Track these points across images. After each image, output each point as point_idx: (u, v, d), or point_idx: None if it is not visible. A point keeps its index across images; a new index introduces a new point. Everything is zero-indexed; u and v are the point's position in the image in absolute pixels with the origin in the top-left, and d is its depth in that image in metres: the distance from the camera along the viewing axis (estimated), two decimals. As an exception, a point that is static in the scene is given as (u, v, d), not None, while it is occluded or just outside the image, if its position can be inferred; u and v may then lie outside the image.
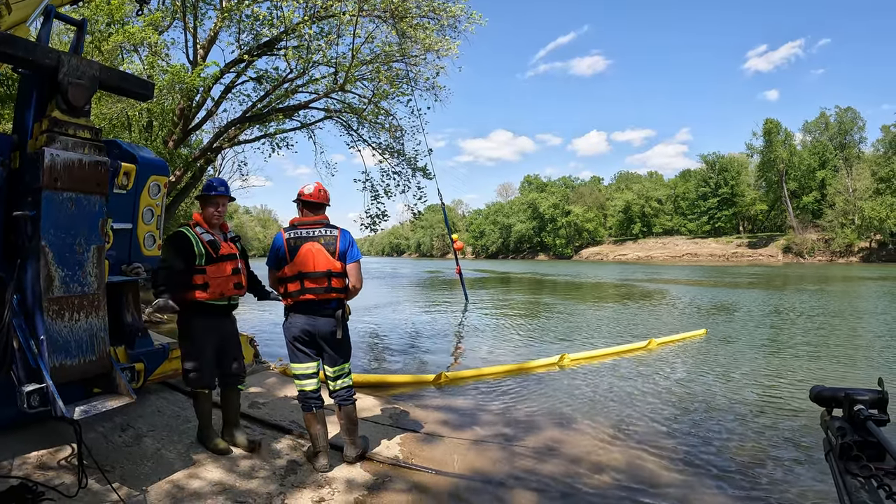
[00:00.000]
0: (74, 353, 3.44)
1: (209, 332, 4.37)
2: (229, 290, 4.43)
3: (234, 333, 4.64)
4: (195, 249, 4.28)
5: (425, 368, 8.88)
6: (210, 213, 4.50)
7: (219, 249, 4.38)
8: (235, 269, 4.48)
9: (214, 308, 4.42)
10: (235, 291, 4.50)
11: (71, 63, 3.52)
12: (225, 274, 4.38)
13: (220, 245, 4.43)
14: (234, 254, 4.53)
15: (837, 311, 17.48)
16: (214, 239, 4.42)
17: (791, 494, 4.47)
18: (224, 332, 4.51)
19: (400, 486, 4.24)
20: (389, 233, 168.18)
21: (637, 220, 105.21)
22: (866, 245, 73.37)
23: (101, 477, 3.53)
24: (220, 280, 4.35)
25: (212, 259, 4.33)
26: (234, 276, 4.47)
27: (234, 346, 4.60)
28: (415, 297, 24.29)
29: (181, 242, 4.30)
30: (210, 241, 4.37)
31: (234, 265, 4.47)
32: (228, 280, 4.42)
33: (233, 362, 4.57)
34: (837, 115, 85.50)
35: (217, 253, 4.36)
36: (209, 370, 4.40)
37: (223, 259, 4.39)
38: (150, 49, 11.79)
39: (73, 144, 3.57)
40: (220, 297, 4.38)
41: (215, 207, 4.51)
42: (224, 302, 4.47)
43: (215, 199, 4.51)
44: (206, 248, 4.31)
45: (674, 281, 34.58)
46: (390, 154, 17.56)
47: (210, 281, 4.31)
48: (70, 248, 3.52)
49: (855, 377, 8.46)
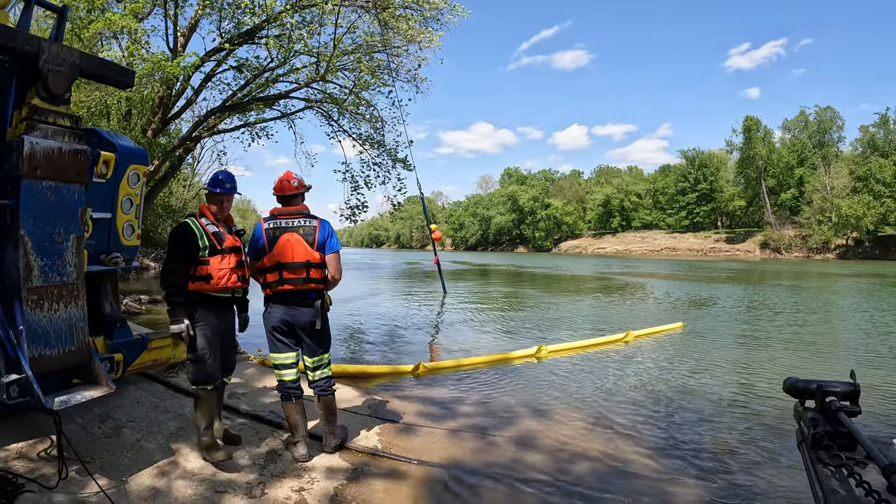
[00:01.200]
0: (54, 343, 3.42)
1: (218, 325, 4.31)
2: (233, 282, 4.33)
3: (234, 327, 4.58)
4: (199, 242, 4.20)
5: (403, 359, 8.89)
6: (214, 210, 4.41)
7: (223, 241, 4.30)
8: (240, 262, 4.38)
9: (219, 301, 4.33)
10: (239, 284, 4.39)
11: (52, 50, 3.48)
12: (229, 266, 4.28)
13: (225, 237, 4.34)
14: (239, 246, 4.43)
15: (813, 307, 17.77)
16: (219, 230, 4.33)
17: (764, 483, 4.55)
18: (227, 326, 4.45)
19: (379, 476, 4.28)
20: (369, 224, 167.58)
21: (616, 214, 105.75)
22: (843, 242, 74.53)
23: (80, 468, 3.52)
24: (223, 272, 4.25)
25: (216, 250, 4.24)
26: (239, 268, 4.37)
27: (232, 339, 4.58)
28: (393, 288, 24.27)
29: (185, 234, 4.21)
30: (215, 233, 4.29)
31: (238, 257, 4.38)
32: (232, 272, 4.31)
33: (230, 355, 4.53)
34: (817, 113, 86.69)
35: (221, 244, 4.27)
36: (216, 363, 4.30)
37: (227, 251, 4.30)
38: (131, 36, 11.62)
39: (53, 133, 3.54)
40: (222, 289, 4.29)
41: (220, 205, 4.41)
42: (228, 294, 4.37)
43: (220, 197, 4.41)
44: (210, 240, 4.23)
45: (651, 275, 34.88)
46: (371, 145, 17.52)
47: (213, 272, 4.21)
48: (49, 238, 3.50)
49: (827, 370, 8.62)
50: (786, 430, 5.74)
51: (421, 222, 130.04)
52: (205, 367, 4.21)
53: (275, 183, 4.66)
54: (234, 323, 4.56)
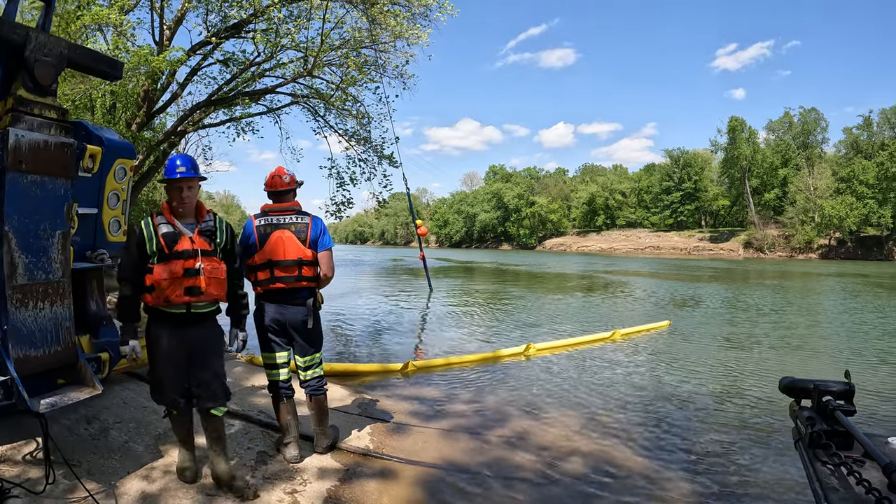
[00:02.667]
0: (39, 343, 3.33)
1: (171, 343, 3.62)
2: (177, 295, 3.55)
3: (208, 347, 3.77)
4: (147, 247, 3.56)
5: (391, 357, 8.85)
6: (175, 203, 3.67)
7: (175, 244, 3.58)
8: (189, 270, 3.56)
9: (172, 317, 3.63)
10: (187, 298, 3.58)
11: (39, 39, 3.37)
12: (172, 275, 3.52)
13: (181, 238, 3.60)
14: (196, 250, 3.61)
15: (797, 306, 17.95)
16: (174, 231, 3.61)
17: (759, 481, 4.56)
18: (193, 345, 3.68)
19: (372, 476, 4.24)
20: (353, 220, 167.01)
21: (601, 212, 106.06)
22: (825, 242, 75.25)
23: (68, 472, 3.43)
24: (165, 282, 3.51)
25: (164, 256, 3.55)
26: (188, 277, 3.56)
27: (205, 361, 3.75)
28: (379, 285, 24.19)
29: (132, 238, 3.61)
30: (166, 235, 3.58)
31: (188, 264, 3.56)
32: (175, 283, 3.53)
33: (204, 381, 3.74)
34: (801, 115, 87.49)
35: (171, 248, 3.56)
36: (170, 388, 3.66)
37: (174, 256, 3.55)
38: (116, 29, 11.46)
39: (39, 125, 3.43)
40: (165, 302, 3.55)
41: (179, 193, 3.63)
42: (180, 310, 3.62)
43: (178, 184, 3.63)
44: (160, 243, 3.56)
45: (636, 273, 35.06)
46: (357, 141, 17.40)
47: (156, 284, 3.52)
48: (34, 234, 3.39)
49: (814, 369, 8.67)
50: (777, 429, 5.78)
51: (405, 219, 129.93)
52: (161, 391, 3.70)
53: (266, 178, 4.58)
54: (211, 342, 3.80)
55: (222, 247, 3.79)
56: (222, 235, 3.80)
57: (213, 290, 3.65)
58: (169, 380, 3.65)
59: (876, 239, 71.56)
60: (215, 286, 3.67)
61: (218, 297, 3.74)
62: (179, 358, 3.64)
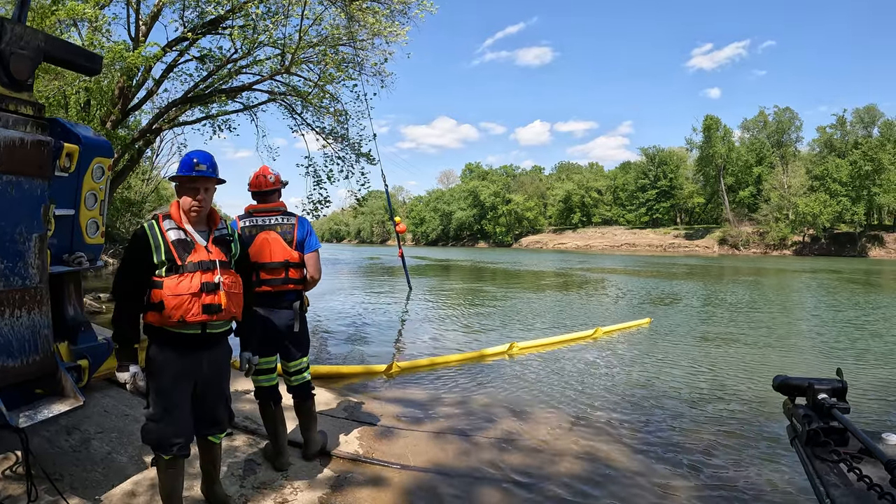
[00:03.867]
0: (17, 353, 3.15)
1: (181, 370, 3.18)
2: (194, 314, 3.09)
3: (220, 371, 3.39)
4: (154, 256, 3.10)
5: (373, 358, 8.78)
6: (188, 202, 3.22)
7: (189, 253, 3.15)
8: (209, 285, 3.14)
9: (182, 339, 3.16)
10: (205, 317, 3.13)
11: (15, 31, 3.19)
12: (188, 290, 3.08)
13: (195, 247, 3.19)
14: (214, 261, 3.20)
15: (775, 302, 18.23)
16: (187, 238, 3.19)
17: (748, 478, 4.56)
18: (204, 373, 3.26)
19: (363, 482, 4.17)
20: (329, 219, 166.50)
21: (577, 209, 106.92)
22: (799, 239, 76.75)
23: (50, 486, 3.27)
24: (180, 299, 3.06)
25: (175, 267, 3.11)
26: (207, 293, 3.13)
27: (217, 389, 3.37)
28: (357, 284, 24.05)
29: (137, 245, 3.13)
30: (178, 242, 3.15)
31: (206, 277, 3.14)
32: (194, 299, 3.09)
33: (214, 410, 3.37)
34: (776, 114, 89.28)
35: (184, 259, 3.13)
36: (177, 426, 3.18)
37: (191, 268, 3.12)
38: (91, 24, 11.23)
39: (14, 122, 3.26)
40: (178, 322, 3.08)
41: (194, 195, 3.21)
42: (194, 331, 3.17)
43: (196, 184, 3.22)
44: (170, 252, 3.12)
45: (614, 270, 35.32)
46: (334, 139, 17.27)
47: (166, 299, 3.05)
48: (10, 237, 3.22)
49: (796, 365, 8.78)
50: (766, 425, 5.82)
51: (381, 217, 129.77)
52: (156, 429, 3.16)
53: (250, 178, 4.47)
54: (223, 367, 3.42)
55: (237, 259, 3.41)
56: (237, 246, 3.44)
57: (232, 307, 3.25)
58: (178, 416, 3.18)
59: (849, 236, 73.13)
60: (235, 303, 3.27)
61: (235, 315, 3.33)
62: (185, 389, 3.21)
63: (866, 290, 22.58)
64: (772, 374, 2.04)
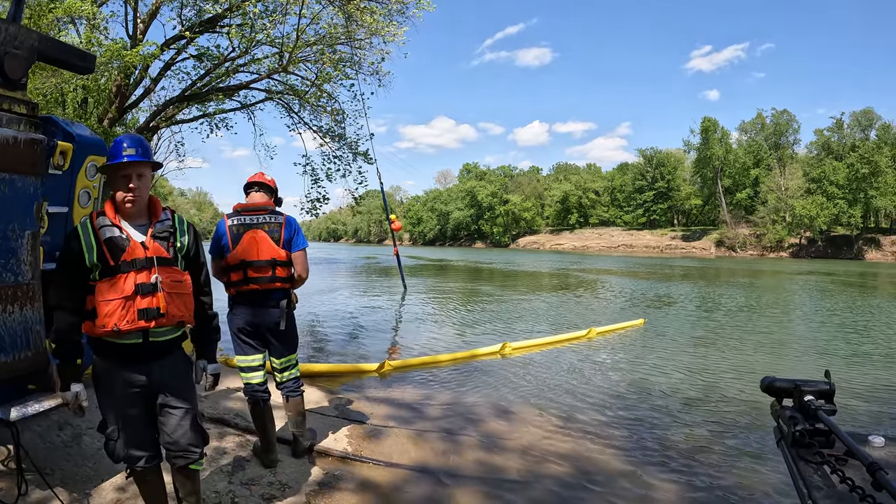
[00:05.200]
0: (8, 348, 3.19)
1: (125, 385, 2.80)
2: (128, 320, 2.69)
3: (175, 385, 2.93)
4: (86, 258, 2.70)
5: (367, 357, 8.78)
6: (121, 194, 2.80)
7: (121, 253, 2.73)
8: (144, 287, 2.73)
9: (123, 350, 2.77)
10: (141, 323, 2.72)
11: (9, 31, 3.23)
12: (120, 294, 2.69)
13: (130, 243, 2.76)
14: (151, 258, 2.78)
15: (770, 304, 18.26)
16: (121, 234, 2.77)
17: (740, 479, 4.59)
18: (156, 385, 2.86)
19: (351, 480, 4.20)
20: (327, 218, 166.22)
21: (574, 210, 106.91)
22: (796, 241, 76.78)
23: (40, 481, 3.30)
24: (113, 305, 2.68)
25: (108, 269, 2.71)
26: (143, 296, 2.72)
27: (180, 403, 2.92)
28: (352, 283, 24.06)
29: (69, 245, 2.77)
30: (111, 240, 2.74)
31: (141, 278, 2.73)
32: (127, 304, 2.69)
33: (181, 429, 2.91)
34: (773, 116, 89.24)
35: (118, 259, 2.72)
36: (138, 438, 2.87)
37: (125, 268, 2.72)
38: (89, 22, 11.25)
39: (8, 120, 3.29)
40: (113, 332, 2.69)
41: (125, 183, 2.79)
42: (135, 339, 2.76)
43: (125, 171, 2.81)
44: (102, 253, 2.71)
45: (610, 271, 35.33)
46: (331, 138, 17.29)
47: (98, 306, 2.68)
48: (3, 234, 3.26)
49: (789, 367, 8.82)
50: (756, 427, 5.83)
51: (379, 216, 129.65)
52: (116, 446, 2.85)
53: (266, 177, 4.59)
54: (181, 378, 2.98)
55: (184, 253, 2.97)
56: (183, 238, 2.97)
57: (174, 310, 2.82)
58: (135, 429, 2.86)
59: (846, 238, 73.22)
60: (178, 305, 2.84)
61: (183, 319, 2.88)
62: (138, 402, 2.85)
63: (861, 293, 22.64)
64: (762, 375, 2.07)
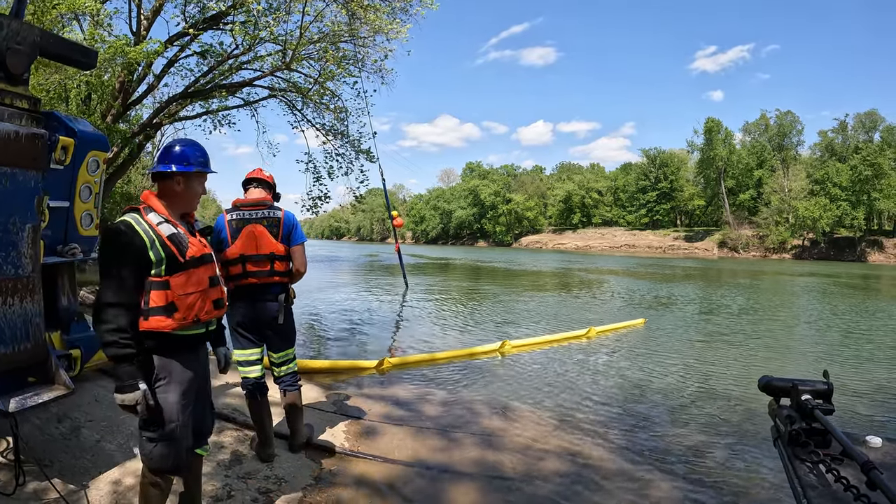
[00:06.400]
0: (8, 340, 3.22)
1: (189, 379, 2.85)
2: (207, 311, 2.89)
3: (208, 373, 3.12)
4: (149, 253, 2.71)
5: (367, 354, 8.80)
6: (181, 194, 2.95)
7: (186, 249, 2.83)
8: (214, 279, 2.96)
9: (188, 341, 2.87)
10: (216, 312, 2.98)
11: (11, 27, 3.27)
12: (200, 287, 2.85)
13: (189, 242, 2.86)
14: (210, 254, 2.99)
15: (772, 305, 18.23)
16: (179, 232, 2.84)
17: (738, 479, 4.61)
18: (201, 374, 2.99)
19: (347, 475, 4.23)
20: (329, 216, 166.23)
21: (577, 210, 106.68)
22: (799, 243, 76.50)
23: (38, 472, 3.35)
24: (193, 298, 2.80)
25: (177, 265, 2.78)
26: (213, 288, 2.94)
27: (207, 391, 3.13)
28: (354, 281, 24.06)
29: (127, 242, 2.69)
30: (173, 237, 2.79)
31: (210, 271, 2.94)
32: (206, 296, 2.88)
33: (204, 416, 3.08)
34: (777, 117, 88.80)
35: (184, 255, 2.81)
36: (189, 441, 2.88)
37: (195, 263, 2.86)
38: (93, 18, 11.28)
39: (10, 115, 3.33)
40: (193, 323, 2.82)
41: (186, 190, 2.96)
42: (201, 329, 2.92)
43: (202, 178, 3.01)
44: (167, 248, 2.75)
45: (612, 271, 35.29)
46: (334, 135, 17.31)
47: (178, 300, 2.75)
48: (4, 228, 3.29)
49: (789, 367, 8.81)
50: (754, 427, 5.84)
51: (381, 215, 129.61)
52: (175, 448, 2.79)
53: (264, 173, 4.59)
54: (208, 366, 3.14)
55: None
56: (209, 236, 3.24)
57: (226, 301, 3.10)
58: (189, 431, 2.86)
59: (849, 240, 73.00)
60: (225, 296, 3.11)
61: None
62: (197, 393, 2.94)
63: (863, 295, 22.61)
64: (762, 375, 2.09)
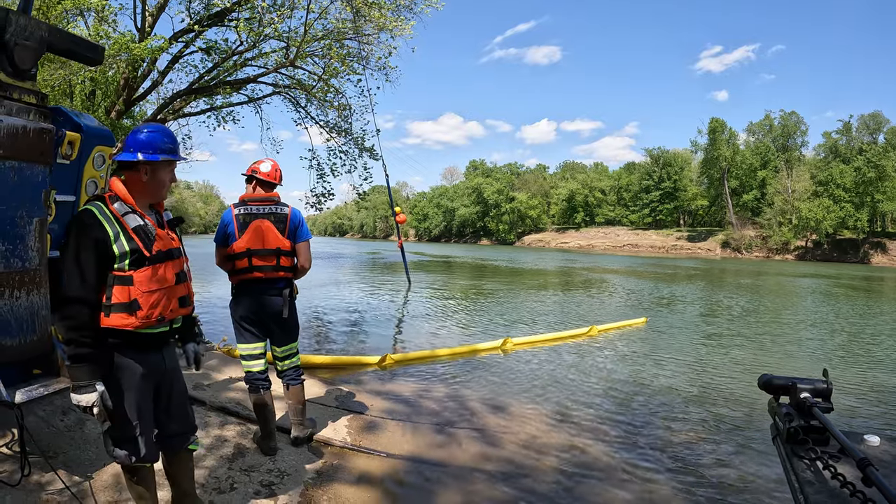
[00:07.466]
0: (15, 332, 3.26)
1: (146, 377, 2.71)
2: (172, 309, 2.74)
3: (177, 370, 2.93)
4: (113, 245, 2.54)
5: (369, 350, 8.85)
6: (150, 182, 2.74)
7: (153, 242, 2.66)
8: (181, 275, 2.79)
9: (150, 339, 2.70)
10: (181, 310, 2.81)
11: (19, 22, 3.30)
12: (165, 284, 2.68)
13: (156, 234, 2.70)
14: (178, 248, 2.83)
15: (774, 305, 18.22)
16: (146, 223, 2.67)
17: (736, 476, 4.66)
18: (165, 374, 2.83)
19: (349, 469, 4.26)
20: (333, 213, 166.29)
21: (580, 209, 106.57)
22: (802, 244, 76.30)
23: (44, 463, 3.39)
24: (157, 295, 2.64)
25: (142, 259, 2.60)
26: (179, 285, 2.77)
27: (182, 387, 2.98)
28: (357, 278, 24.10)
29: (88, 231, 2.54)
30: (139, 229, 2.62)
31: (177, 267, 2.77)
32: (171, 293, 2.71)
33: (183, 412, 2.97)
34: (782, 118, 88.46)
35: (151, 249, 2.64)
36: (149, 436, 2.76)
37: (161, 258, 2.68)
38: (97, 14, 11.31)
39: (18, 110, 3.36)
40: (157, 321, 2.66)
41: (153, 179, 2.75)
42: (164, 328, 2.75)
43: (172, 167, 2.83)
44: (132, 241, 2.58)
45: (614, 270, 35.26)
46: (338, 133, 17.30)
47: (141, 298, 2.58)
48: (11, 221, 3.33)
49: (789, 366, 8.84)
50: (754, 424, 5.87)
51: (385, 212, 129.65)
52: (137, 447, 2.72)
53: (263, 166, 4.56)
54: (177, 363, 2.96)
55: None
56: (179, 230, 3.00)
57: (192, 297, 2.93)
58: (149, 424, 2.77)
59: (852, 242, 72.85)
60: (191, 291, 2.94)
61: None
62: (158, 391, 2.82)
63: (866, 297, 22.59)
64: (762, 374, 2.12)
